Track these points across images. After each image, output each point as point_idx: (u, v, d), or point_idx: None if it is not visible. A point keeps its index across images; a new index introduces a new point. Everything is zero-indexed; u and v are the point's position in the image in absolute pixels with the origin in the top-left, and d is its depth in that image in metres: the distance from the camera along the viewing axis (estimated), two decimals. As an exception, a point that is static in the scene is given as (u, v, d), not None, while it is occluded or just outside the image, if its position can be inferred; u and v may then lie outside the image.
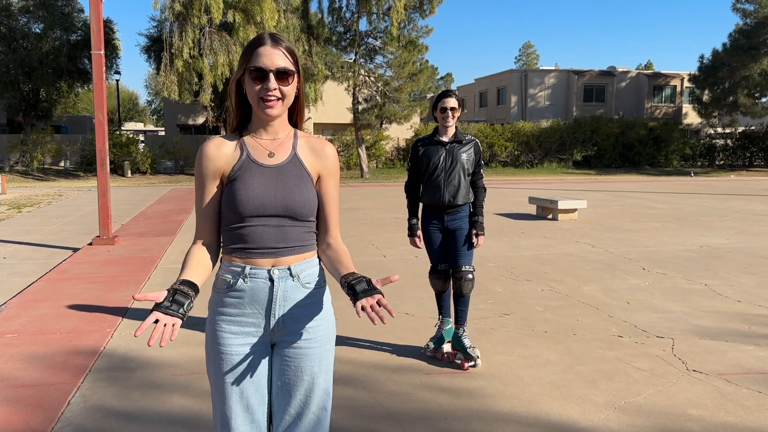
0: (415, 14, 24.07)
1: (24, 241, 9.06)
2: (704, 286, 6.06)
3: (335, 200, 1.84)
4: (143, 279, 6.40)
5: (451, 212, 3.89)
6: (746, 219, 11.36)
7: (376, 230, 10.01)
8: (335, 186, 1.83)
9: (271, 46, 1.67)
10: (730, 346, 4.24)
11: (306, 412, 1.78)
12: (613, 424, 3.08)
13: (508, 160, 31.50)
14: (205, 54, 21.20)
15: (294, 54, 1.72)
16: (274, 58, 1.66)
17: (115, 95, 46.29)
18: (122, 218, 11.82)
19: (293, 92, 1.72)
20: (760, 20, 30.03)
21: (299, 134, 1.82)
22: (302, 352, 1.77)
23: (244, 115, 1.79)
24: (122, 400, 3.38)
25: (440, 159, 3.85)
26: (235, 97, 1.75)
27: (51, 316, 5.03)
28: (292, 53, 1.71)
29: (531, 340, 4.40)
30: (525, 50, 79.89)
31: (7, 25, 27.20)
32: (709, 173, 29.84)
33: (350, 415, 3.19)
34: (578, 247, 8.30)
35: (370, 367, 3.87)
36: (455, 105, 3.83)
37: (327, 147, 1.82)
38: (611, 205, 14.04)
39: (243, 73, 1.70)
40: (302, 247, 1.77)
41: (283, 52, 1.68)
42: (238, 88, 1.74)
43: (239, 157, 1.73)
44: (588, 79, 39.54)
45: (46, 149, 26.81)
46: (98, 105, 8.41)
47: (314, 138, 1.83)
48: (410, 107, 25.11)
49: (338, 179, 1.85)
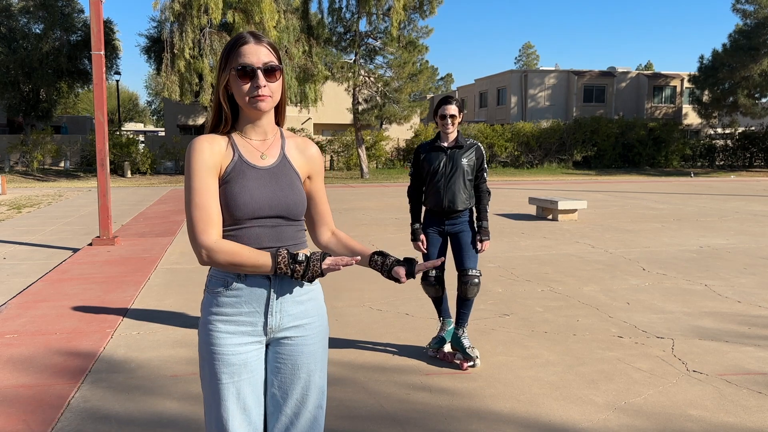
0: (415, 15, 24.08)
1: (24, 242, 9.06)
2: (704, 286, 6.05)
3: (324, 196, 1.93)
4: (143, 279, 6.39)
5: (451, 217, 3.90)
6: (746, 219, 11.36)
7: (377, 230, 10.01)
8: (322, 183, 1.92)
9: (254, 44, 1.68)
10: (731, 346, 4.24)
11: (303, 411, 1.77)
12: (613, 424, 3.08)
13: (508, 161, 31.50)
14: (206, 54, 21.20)
15: (277, 50, 1.73)
16: (260, 54, 1.67)
17: (115, 96, 46.30)
18: (122, 218, 11.82)
19: (280, 88, 1.73)
20: (760, 21, 30.02)
21: (285, 134, 1.84)
22: (299, 349, 1.77)
23: (232, 115, 1.76)
24: (122, 401, 3.38)
25: (441, 164, 3.86)
26: (227, 100, 1.73)
27: (51, 316, 5.03)
28: (275, 49, 1.72)
29: (531, 340, 4.40)
30: (525, 51, 79.94)
31: (7, 25, 27.22)
32: (709, 174, 29.83)
33: (350, 416, 3.18)
34: (578, 248, 8.29)
35: (369, 367, 3.87)
36: (455, 112, 3.83)
37: (311, 147, 1.86)
38: (611, 206, 14.04)
39: (228, 75, 1.69)
40: (296, 245, 1.78)
41: (267, 48, 1.69)
42: (226, 90, 1.73)
43: (231, 158, 1.72)
44: (588, 79, 39.54)
45: (46, 150, 26.82)
46: (98, 105, 8.41)
47: (299, 138, 1.86)
48: (410, 108, 25.11)
49: (323, 177, 1.93)
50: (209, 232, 1.64)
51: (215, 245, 1.63)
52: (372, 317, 4.99)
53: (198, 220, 1.65)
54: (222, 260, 1.64)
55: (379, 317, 5.00)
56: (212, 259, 1.64)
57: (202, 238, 1.64)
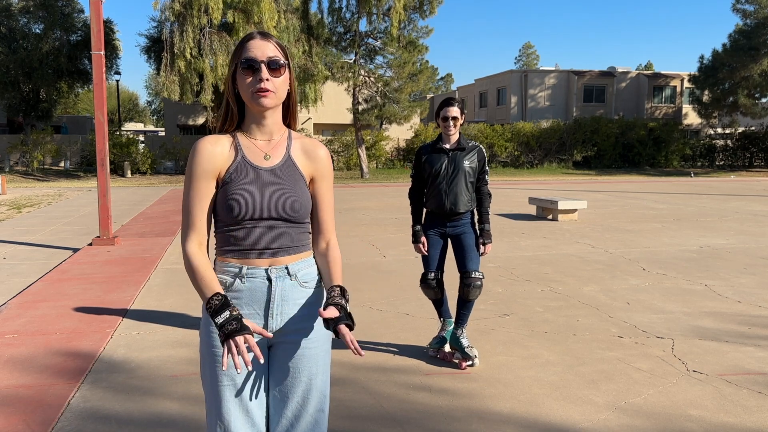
0: (415, 15, 24.09)
1: (24, 242, 9.06)
2: (704, 286, 6.05)
3: (329, 202, 1.83)
4: (143, 279, 6.39)
5: (453, 219, 3.90)
6: (746, 219, 11.36)
7: (377, 231, 10.01)
8: (328, 188, 1.83)
9: (261, 40, 1.68)
10: (731, 346, 4.24)
11: (303, 415, 1.76)
12: (613, 424, 3.08)
13: (508, 161, 31.51)
14: (205, 54, 21.21)
15: (284, 49, 1.71)
16: (265, 49, 1.66)
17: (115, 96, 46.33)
18: (122, 218, 11.82)
19: (285, 86, 1.71)
20: (760, 21, 30.03)
21: (293, 135, 1.80)
22: (300, 353, 1.75)
23: (239, 115, 1.77)
24: (122, 401, 3.38)
25: (442, 166, 3.85)
26: (234, 97, 1.73)
27: (51, 316, 5.03)
28: (282, 48, 1.71)
29: (531, 340, 4.40)
30: (525, 51, 79.94)
31: (7, 25, 27.21)
32: (709, 174, 29.84)
33: (350, 416, 3.18)
34: (578, 248, 8.30)
35: (369, 367, 3.87)
36: (457, 114, 3.82)
37: (319, 149, 1.80)
38: (611, 206, 14.04)
39: (235, 70, 1.69)
40: (298, 247, 1.76)
41: (273, 45, 1.69)
42: (233, 87, 1.73)
43: (234, 158, 1.71)
44: (588, 79, 39.54)
45: (46, 149, 26.83)
46: (98, 105, 8.41)
47: (307, 139, 1.81)
48: (410, 108, 25.11)
49: (332, 181, 1.84)
50: (189, 237, 1.72)
51: (187, 253, 1.70)
52: (372, 317, 4.99)
53: (183, 224, 1.74)
54: (186, 269, 1.70)
55: (379, 317, 5.00)
56: (184, 264, 1.71)
57: (183, 241, 1.74)
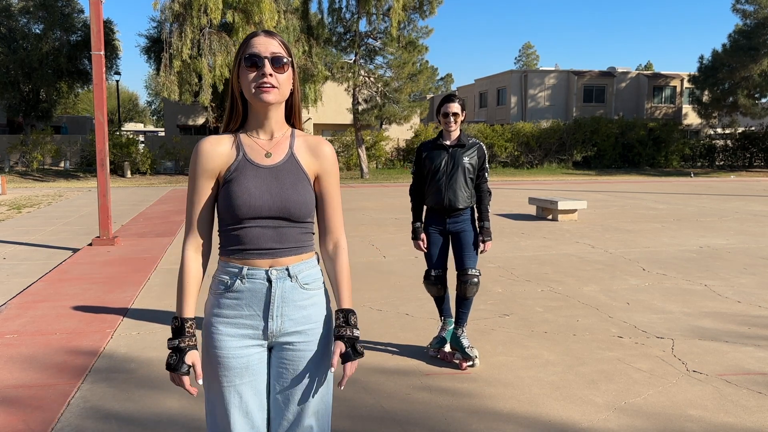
0: (415, 15, 24.09)
1: (24, 242, 9.06)
2: (704, 286, 6.06)
3: (335, 200, 1.81)
4: (143, 279, 6.40)
5: (452, 216, 3.90)
6: (746, 220, 11.36)
7: (377, 231, 10.01)
8: (335, 186, 1.80)
9: (265, 36, 1.68)
10: (730, 346, 4.24)
11: (304, 417, 1.74)
12: (613, 424, 3.08)
13: (508, 161, 31.51)
14: (205, 54, 21.21)
15: (288, 48, 1.71)
16: (269, 45, 1.67)
17: (115, 96, 46.32)
18: (122, 219, 11.82)
19: (288, 83, 1.71)
20: (760, 21, 30.04)
21: (297, 133, 1.79)
22: (300, 355, 1.74)
23: (244, 113, 1.77)
24: (122, 401, 3.38)
25: (442, 163, 3.86)
26: (239, 94, 1.73)
27: (51, 316, 5.03)
28: (285, 46, 1.71)
29: (531, 340, 4.40)
30: (525, 51, 79.92)
31: (7, 25, 27.20)
32: (709, 174, 29.84)
33: (350, 416, 3.18)
34: (578, 248, 8.30)
35: (369, 367, 3.87)
36: (457, 110, 3.83)
37: (324, 146, 1.78)
38: (611, 206, 14.04)
39: (239, 68, 1.69)
40: (300, 248, 1.74)
41: (278, 42, 1.69)
42: (238, 85, 1.73)
43: (235, 157, 1.71)
44: (588, 79, 39.55)
45: (45, 150, 26.81)
46: (98, 105, 8.41)
47: (312, 137, 1.80)
48: (410, 108, 25.11)
49: (338, 179, 1.81)
50: (188, 239, 1.76)
51: (183, 257, 1.74)
52: (372, 317, 5.00)
53: (185, 224, 1.78)
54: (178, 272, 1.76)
55: (379, 317, 5.00)
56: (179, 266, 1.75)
57: (183, 242, 1.77)
